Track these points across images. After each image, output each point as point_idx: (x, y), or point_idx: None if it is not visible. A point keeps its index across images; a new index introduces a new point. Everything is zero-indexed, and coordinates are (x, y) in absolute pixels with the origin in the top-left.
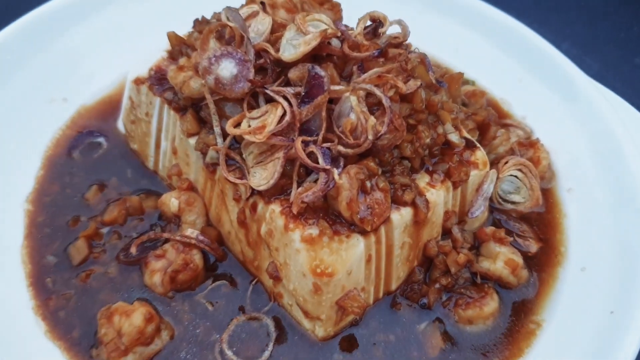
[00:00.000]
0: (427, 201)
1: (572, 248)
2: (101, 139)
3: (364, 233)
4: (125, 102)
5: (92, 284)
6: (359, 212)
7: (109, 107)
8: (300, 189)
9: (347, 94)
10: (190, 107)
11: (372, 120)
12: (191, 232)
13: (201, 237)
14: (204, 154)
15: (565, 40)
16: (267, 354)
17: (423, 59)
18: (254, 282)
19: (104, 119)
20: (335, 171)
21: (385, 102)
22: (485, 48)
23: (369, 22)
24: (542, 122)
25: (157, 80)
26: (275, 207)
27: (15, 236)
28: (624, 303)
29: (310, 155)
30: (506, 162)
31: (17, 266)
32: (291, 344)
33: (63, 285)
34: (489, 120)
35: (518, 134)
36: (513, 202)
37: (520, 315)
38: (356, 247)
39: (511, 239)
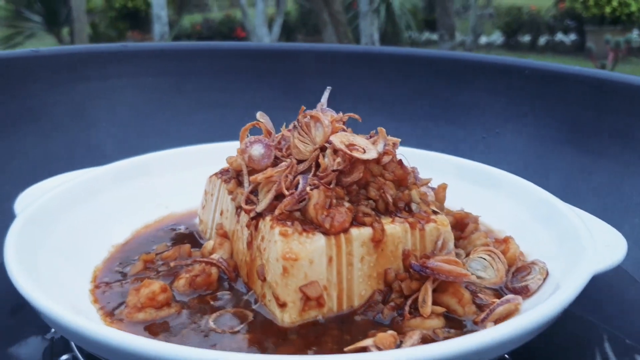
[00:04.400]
0: (383, 228)
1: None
2: (181, 227)
3: (325, 234)
4: (202, 197)
5: (135, 284)
6: (322, 214)
7: (193, 216)
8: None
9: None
10: (235, 177)
11: (338, 159)
12: (215, 255)
13: (221, 260)
14: (234, 200)
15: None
16: (240, 326)
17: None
18: (249, 293)
19: (187, 219)
20: (308, 187)
21: (341, 147)
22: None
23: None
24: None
25: (222, 173)
26: (268, 217)
27: (96, 260)
28: None
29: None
30: (476, 249)
31: (88, 274)
32: (262, 325)
33: (115, 280)
34: (468, 221)
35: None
36: (480, 277)
37: (461, 328)
38: (317, 242)
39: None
